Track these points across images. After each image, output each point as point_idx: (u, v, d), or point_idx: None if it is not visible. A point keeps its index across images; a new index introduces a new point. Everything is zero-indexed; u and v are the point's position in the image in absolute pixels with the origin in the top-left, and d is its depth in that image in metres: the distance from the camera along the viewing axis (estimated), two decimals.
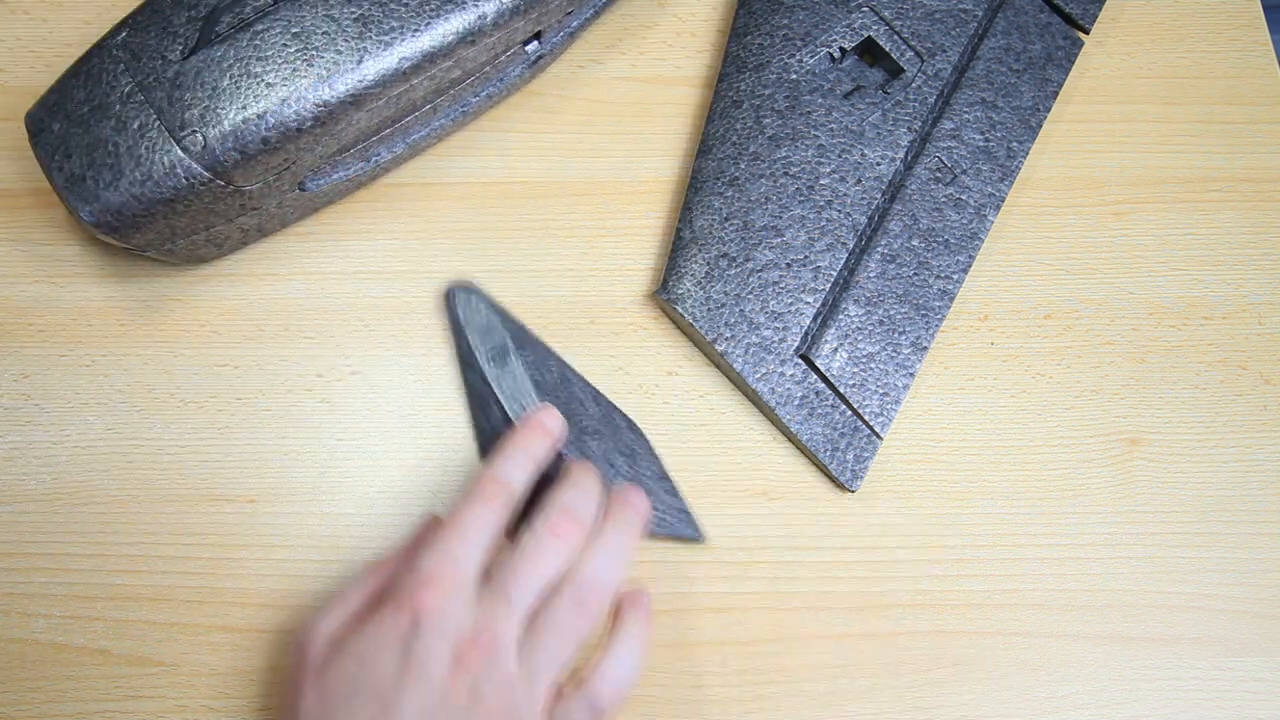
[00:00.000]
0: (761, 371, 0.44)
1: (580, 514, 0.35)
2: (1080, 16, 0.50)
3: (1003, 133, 0.48)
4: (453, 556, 0.33)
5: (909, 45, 0.48)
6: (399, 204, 0.47)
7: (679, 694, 0.41)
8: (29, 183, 0.46)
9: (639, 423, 0.44)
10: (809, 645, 0.42)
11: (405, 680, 0.32)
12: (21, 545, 0.42)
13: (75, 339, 0.44)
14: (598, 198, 0.47)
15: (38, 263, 0.45)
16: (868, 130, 0.47)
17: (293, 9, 0.40)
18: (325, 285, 0.46)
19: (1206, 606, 0.44)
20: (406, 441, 0.44)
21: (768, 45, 0.48)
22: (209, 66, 0.39)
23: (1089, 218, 0.49)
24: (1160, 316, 0.47)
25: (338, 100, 0.40)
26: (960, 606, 0.43)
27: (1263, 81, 0.51)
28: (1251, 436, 0.46)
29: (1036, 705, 0.42)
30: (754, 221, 0.45)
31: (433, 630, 0.32)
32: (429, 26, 0.40)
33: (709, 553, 0.43)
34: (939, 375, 0.46)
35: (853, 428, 0.44)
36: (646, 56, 0.50)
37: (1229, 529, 0.45)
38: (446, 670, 0.32)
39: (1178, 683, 0.43)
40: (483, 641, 0.32)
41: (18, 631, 0.41)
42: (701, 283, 0.44)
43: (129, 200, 0.38)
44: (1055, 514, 0.44)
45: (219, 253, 0.44)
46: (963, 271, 0.46)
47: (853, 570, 0.43)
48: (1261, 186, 0.50)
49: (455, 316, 0.39)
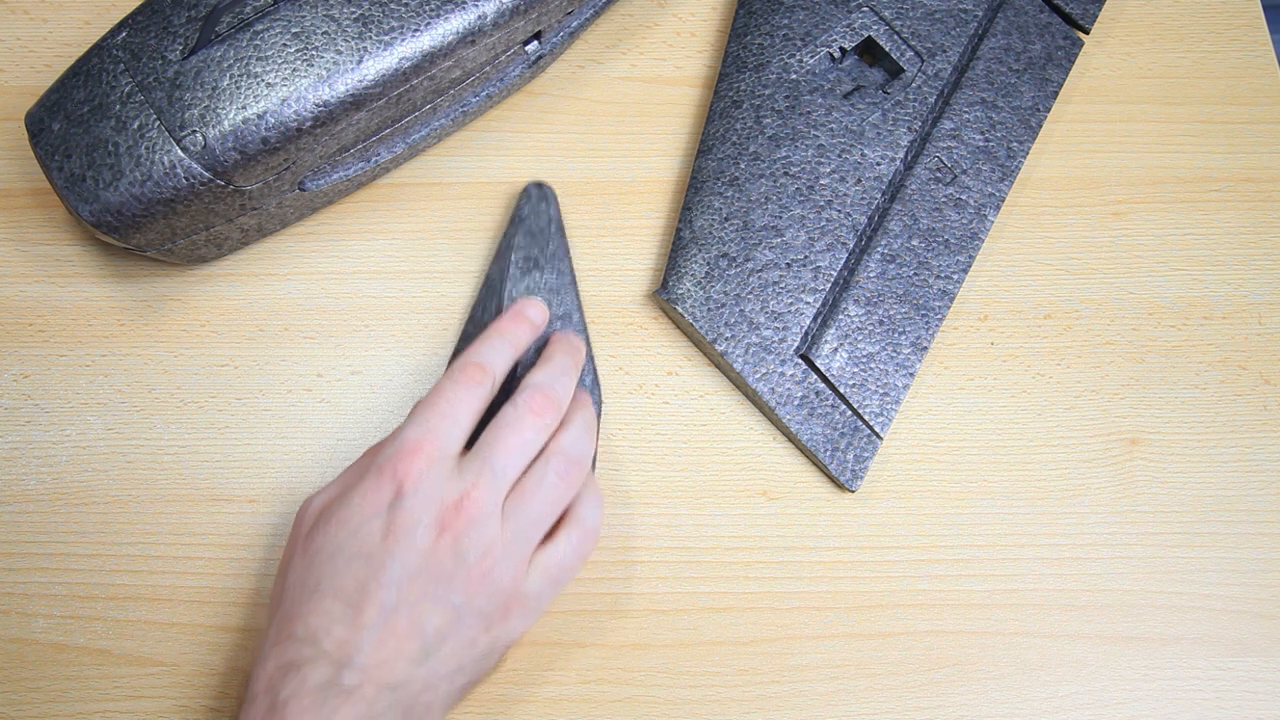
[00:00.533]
0: (761, 371, 0.44)
1: (557, 392, 0.37)
2: (1080, 16, 0.50)
3: (1003, 133, 0.48)
4: (433, 429, 0.34)
5: (909, 45, 0.48)
6: (399, 204, 0.47)
7: (679, 694, 0.41)
8: (29, 183, 0.46)
9: (638, 422, 0.44)
10: (809, 645, 0.42)
11: (390, 543, 0.33)
12: (21, 545, 0.42)
13: (75, 339, 0.44)
14: (598, 198, 0.47)
15: (38, 263, 0.45)
16: (868, 130, 0.47)
17: (293, 9, 0.40)
18: (325, 285, 0.46)
19: (1206, 606, 0.44)
20: None
21: (768, 45, 0.48)
22: (209, 66, 0.39)
23: (1089, 218, 0.49)
24: (1160, 316, 0.47)
25: (338, 100, 0.40)
26: (960, 606, 0.43)
27: (1263, 81, 0.51)
28: (1251, 436, 0.46)
29: (1036, 705, 0.42)
30: (754, 221, 0.45)
31: (416, 495, 0.33)
32: (429, 26, 0.40)
33: (709, 553, 0.43)
34: (939, 375, 0.46)
35: (853, 428, 0.44)
36: (646, 56, 0.50)
37: (1229, 529, 0.45)
38: (431, 534, 0.33)
39: (1178, 683, 0.43)
40: (466, 506, 0.34)
41: (18, 631, 0.41)
42: (701, 283, 0.44)
43: (129, 200, 0.38)
44: (1055, 514, 0.44)
45: (219, 253, 0.44)
46: (963, 271, 0.46)
47: (853, 570, 0.43)
48: (1261, 186, 0.50)
49: (519, 210, 0.42)
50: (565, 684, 0.41)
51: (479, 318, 0.43)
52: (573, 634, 0.42)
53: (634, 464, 0.44)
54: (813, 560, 0.43)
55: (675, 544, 0.43)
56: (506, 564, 0.34)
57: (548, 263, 0.43)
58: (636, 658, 0.42)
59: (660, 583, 0.43)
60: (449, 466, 0.34)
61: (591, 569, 0.43)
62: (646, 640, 0.42)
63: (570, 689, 0.41)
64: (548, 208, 0.44)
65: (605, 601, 0.42)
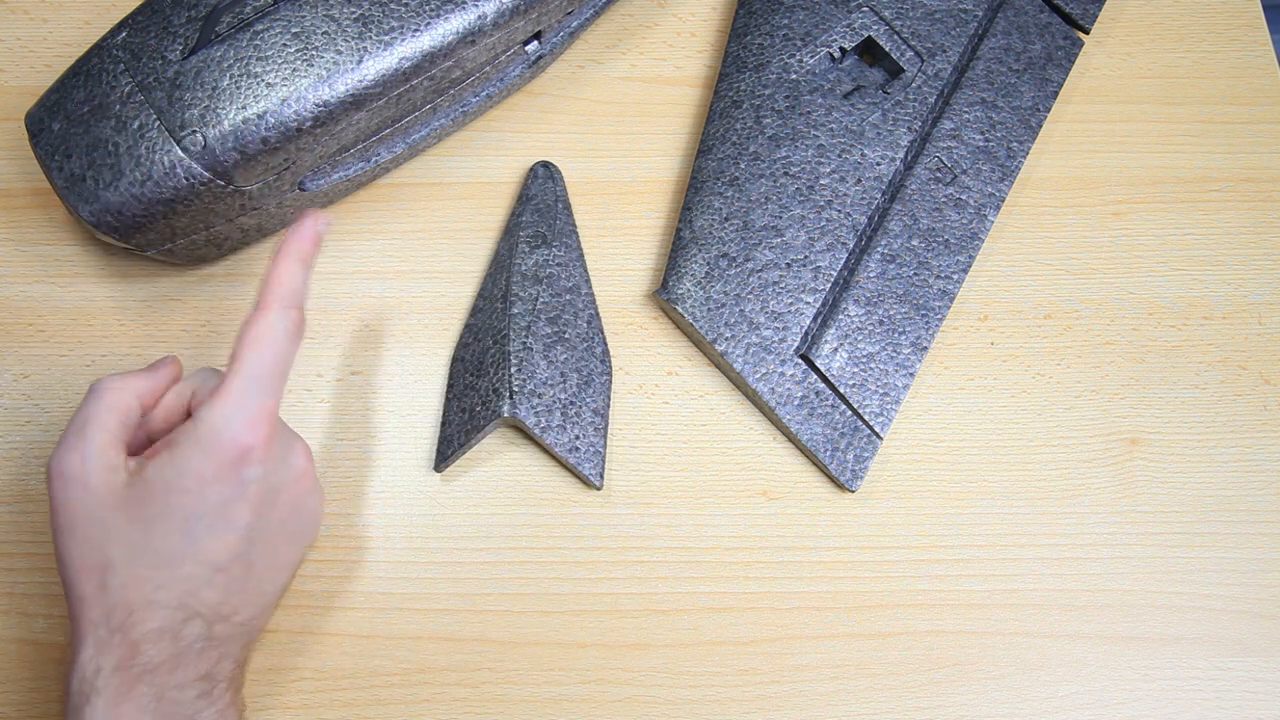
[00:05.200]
0: (761, 371, 0.44)
1: (299, 297, 0.36)
2: (1080, 16, 0.50)
3: (1003, 133, 0.48)
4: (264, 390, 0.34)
5: (909, 45, 0.48)
6: (399, 204, 0.47)
7: (679, 694, 0.41)
8: (29, 183, 0.46)
9: (638, 422, 0.44)
10: (809, 645, 0.42)
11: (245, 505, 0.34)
12: (21, 545, 0.42)
13: (75, 339, 0.44)
14: (598, 198, 0.47)
15: (38, 263, 0.45)
16: (868, 130, 0.47)
17: (293, 9, 0.40)
18: (325, 285, 0.46)
19: (1206, 606, 0.44)
20: (406, 441, 0.44)
21: (768, 45, 0.48)
22: (209, 66, 0.39)
23: (1089, 218, 0.49)
24: (1160, 316, 0.47)
25: (338, 100, 0.40)
26: (960, 606, 0.43)
27: (1263, 81, 0.51)
28: (1251, 436, 0.46)
29: (1036, 705, 0.42)
30: (754, 221, 0.45)
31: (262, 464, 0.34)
32: (429, 26, 0.40)
33: (709, 553, 0.43)
34: (939, 375, 0.46)
35: (853, 428, 0.44)
36: (646, 56, 0.50)
37: (1229, 529, 0.45)
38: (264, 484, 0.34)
39: (1178, 683, 0.43)
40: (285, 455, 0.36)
41: (18, 631, 0.41)
42: (701, 283, 0.44)
43: (129, 200, 0.38)
44: (1055, 514, 0.44)
45: (219, 253, 0.44)
46: (963, 271, 0.46)
47: (853, 570, 0.43)
48: (1261, 186, 0.50)
49: (526, 188, 0.43)
50: (565, 684, 0.41)
51: (489, 291, 0.44)
52: (573, 634, 0.42)
53: (634, 464, 0.44)
54: (813, 560, 0.43)
55: (675, 544, 0.43)
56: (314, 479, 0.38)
57: (555, 238, 0.44)
58: (636, 658, 0.42)
59: (660, 583, 0.43)
60: (277, 423, 0.35)
61: (591, 569, 0.43)
62: (646, 640, 0.42)
63: (570, 689, 0.41)
64: (554, 186, 0.45)
65: (605, 601, 0.42)
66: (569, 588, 0.42)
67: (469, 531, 0.43)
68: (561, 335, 0.43)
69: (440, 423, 0.44)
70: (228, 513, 0.34)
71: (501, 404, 0.42)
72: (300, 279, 0.35)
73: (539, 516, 0.43)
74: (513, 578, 0.42)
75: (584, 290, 0.45)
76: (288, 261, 0.35)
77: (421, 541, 0.43)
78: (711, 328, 0.44)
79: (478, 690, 0.41)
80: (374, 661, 0.41)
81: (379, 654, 0.41)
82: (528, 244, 0.44)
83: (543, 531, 0.43)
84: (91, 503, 0.34)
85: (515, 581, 0.42)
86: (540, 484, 0.43)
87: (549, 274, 0.44)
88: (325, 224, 0.37)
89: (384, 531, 0.43)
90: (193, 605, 0.33)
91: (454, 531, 0.43)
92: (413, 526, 0.43)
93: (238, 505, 0.34)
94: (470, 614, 0.42)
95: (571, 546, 0.43)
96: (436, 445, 0.43)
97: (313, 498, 0.37)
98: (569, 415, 0.42)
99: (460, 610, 0.42)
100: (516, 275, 0.43)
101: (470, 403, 0.42)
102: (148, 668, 0.32)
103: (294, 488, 0.36)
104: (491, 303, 0.44)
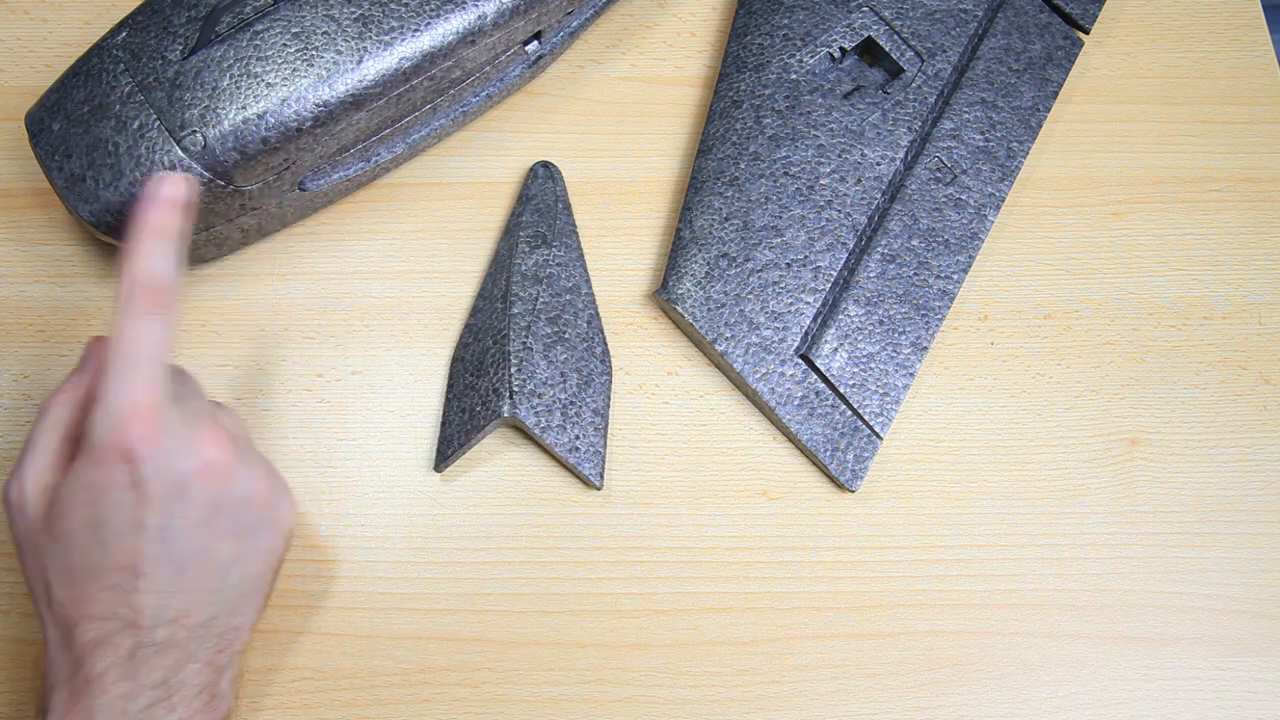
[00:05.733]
0: (761, 371, 0.44)
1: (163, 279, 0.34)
2: (1080, 16, 0.50)
3: (1003, 133, 0.48)
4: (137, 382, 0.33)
5: (909, 45, 0.48)
6: (399, 204, 0.47)
7: (679, 694, 0.41)
8: (29, 183, 0.46)
9: (638, 422, 0.44)
10: (809, 645, 0.42)
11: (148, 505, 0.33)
12: None
13: (75, 339, 0.44)
14: (598, 198, 0.47)
15: (38, 263, 0.45)
16: (868, 130, 0.47)
17: (293, 9, 0.40)
18: (325, 285, 0.46)
19: (1206, 606, 0.44)
20: (406, 441, 0.44)
21: (768, 45, 0.48)
22: (209, 66, 0.39)
23: (1089, 218, 0.49)
24: (1160, 316, 0.47)
25: (338, 100, 0.40)
26: (960, 606, 0.43)
27: (1263, 81, 0.51)
28: (1251, 436, 0.46)
29: (1036, 705, 0.42)
30: (754, 221, 0.45)
31: (151, 460, 0.33)
32: (429, 26, 0.40)
33: (709, 553, 0.43)
34: (939, 375, 0.46)
35: (853, 428, 0.44)
36: (646, 56, 0.50)
37: (1229, 529, 0.45)
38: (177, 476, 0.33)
39: (1178, 683, 0.43)
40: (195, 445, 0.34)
41: (18, 631, 0.41)
42: (701, 283, 0.44)
43: (129, 200, 0.38)
44: (1055, 514, 0.44)
45: (219, 253, 0.44)
46: (963, 271, 0.46)
47: (853, 570, 0.43)
48: (1261, 186, 0.50)
49: (526, 188, 0.44)
50: (565, 684, 0.41)
51: (489, 291, 0.44)
52: (573, 634, 0.42)
53: (634, 464, 0.44)
54: (813, 560, 0.43)
55: (675, 544, 0.43)
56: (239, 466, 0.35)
57: (555, 238, 0.44)
58: (636, 658, 0.42)
59: (660, 583, 0.43)
60: (165, 413, 0.33)
61: (591, 569, 0.43)
62: (646, 640, 0.42)
63: (570, 689, 0.41)
64: (554, 186, 0.45)
65: (605, 601, 0.42)
66: (569, 588, 0.42)
67: (469, 531, 0.43)
68: (561, 335, 0.43)
69: (440, 423, 0.44)
70: (130, 516, 0.33)
71: (501, 404, 0.42)
72: (158, 258, 0.34)
73: (539, 516, 0.43)
74: (513, 578, 0.42)
75: (584, 290, 0.45)
76: (140, 243, 0.34)
77: (421, 541, 0.43)
78: (711, 328, 0.44)
79: (478, 690, 0.41)
80: (374, 661, 0.41)
81: (379, 654, 0.41)
82: (528, 244, 0.44)
83: (543, 531, 0.43)
84: (28, 527, 0.34)
85: (515, 581, 0.42)
86: (540, 484, 0.43)
87: (549, 274, 0.44)
88: (186, 187, 0.35)
89: (384, 531, 0.43)
90: (124, 614, 0.33)
91: (454, 531, 0.43)
92: (413, 526, 0.43)
93: (138, 508, 0.33)
94: (470, 614, 0.42)
95: (571, 546, 0.43)
96: (436, 445, 0.43)
97: (245, 486, 0.35)
98: (569, 415, 0.42)
99: (460, 610, 0.42)
100: (516, 275, 0.44)
101: (470, 403, 0.43)
102: (89, 680, 0.32)
103: (206, 479, 0.34)
104: (491, 303, 0.44)
